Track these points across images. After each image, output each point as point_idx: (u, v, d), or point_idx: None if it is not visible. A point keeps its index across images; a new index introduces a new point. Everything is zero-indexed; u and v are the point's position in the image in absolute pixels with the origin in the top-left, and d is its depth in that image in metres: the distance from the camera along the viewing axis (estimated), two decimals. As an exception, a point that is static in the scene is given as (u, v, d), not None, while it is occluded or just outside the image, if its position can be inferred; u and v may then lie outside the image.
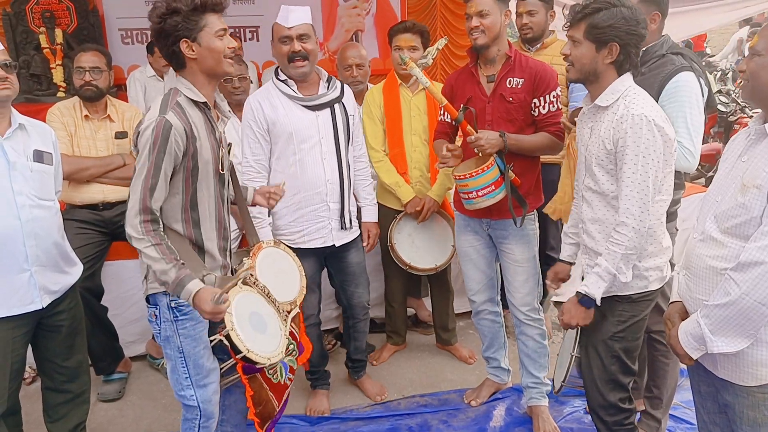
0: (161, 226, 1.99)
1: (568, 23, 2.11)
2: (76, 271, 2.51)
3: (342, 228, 2.90)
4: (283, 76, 2.79)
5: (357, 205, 3.09)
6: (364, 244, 3.12)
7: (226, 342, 2.00)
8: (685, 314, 1.89)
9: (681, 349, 1.79)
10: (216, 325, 2.06)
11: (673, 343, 1.83)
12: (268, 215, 2.85)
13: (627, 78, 2.09)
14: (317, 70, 2.84)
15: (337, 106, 2.82)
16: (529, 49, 3.50)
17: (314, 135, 2.77)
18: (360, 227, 3.08)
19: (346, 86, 2.95)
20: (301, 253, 2.73)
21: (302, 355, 2.51)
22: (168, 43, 2.00)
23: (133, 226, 1.93)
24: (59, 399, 2.54)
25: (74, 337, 2.51)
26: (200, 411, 2.18)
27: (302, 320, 2.56)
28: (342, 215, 2.88)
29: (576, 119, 2.43)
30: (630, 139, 1.97)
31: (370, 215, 3.13)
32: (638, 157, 1.96)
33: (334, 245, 2.91)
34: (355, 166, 3.02)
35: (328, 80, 2.86)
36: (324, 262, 3.04)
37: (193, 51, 1.99)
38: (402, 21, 3.36)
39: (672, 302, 1.97)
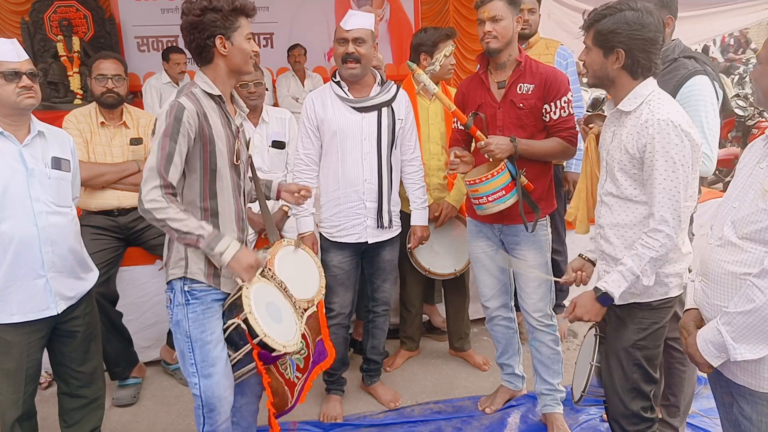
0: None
1: (583, 31, 2.12)
2: (92, 277, 2.53)
3: (379, 227, 2.94)
4: (337, 78, 2.90)
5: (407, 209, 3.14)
6: (409, 244, 3.15)
7: (243, 326, 2.08)
8: (700, 322, 1.86)
9: (700, 357, 1.76)
10: (231, 313, 2.14)
11: (692, 351, 1.81)
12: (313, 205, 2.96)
13: (650, 82, 2.06)
14: (373, 72, 2.92)
15: (385, 109, 2.89)
16: None
17: (357, 135, 2.85)
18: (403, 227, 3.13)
19: (402, 91, 3.00)
20: (339, 246, 2.95)
21: (325, 361, 2.52)
22: (203, 36, 2.09)
23: (154, 198, 2.00)
24: (74, 404, 2.56)
25: (89, 343, 2.52)
26: (202, 401, 2.21)
27: (325, 324, 2.59)
28: (379, 215, 2.92)
29: (590, 126, 2.41)
30: (659, 144, 1.94)
31: (419, 219, 3.13)
32: (668, 163, 1.94)
33: (367, 242, 2.96)
34: (406, 170, 3.06)
35: (382, 83, 2.93)
36: (361, 259, 3.07)
37: (225, 48, 2.11)
38: (436, 27, 3.38)
39: (686, 310, 1.95)
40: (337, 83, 2.88)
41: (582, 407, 3.04)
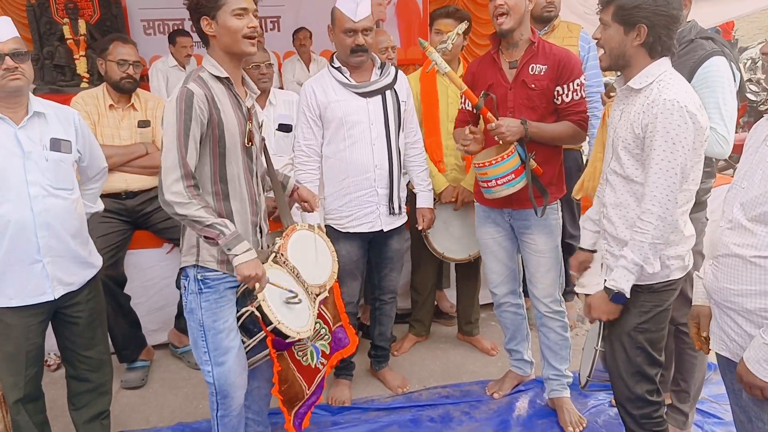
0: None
1: (599, 7, 2.06)
2: (96, 262, 2.48)
3: (391, 213, 2.92)
4: (337, 63, 2.83)
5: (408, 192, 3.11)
6: (420, 227, 3.12)
7: (257, 313, 2.08)
8: (707, 318, 1.86)
9: (760, 381, 1.64)
10: (245, 300, 2.13)
11: (749, 380, 1.68)
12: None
13: (664, 62, 2.02)
14: (371, 56, 2.87)
15: (388, 92, 2.85)
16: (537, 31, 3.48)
17: (364, 121, 2.81)
18: (407, 213, 3.10)
19: (401, 73, 2.96)
20: (348, 236, 2.90)
21: (346, 348, 2.51)
22: (195, 19, 2.08)
23: (176, 192, 1.97)
24: (82, 388, 2.55)
25: (94, 330, 2.49)
26: (215, 388, 2.22)
27: (344, 310, 2.57)
28: (390, 201, 2.90)
29: (611, 95, 2.37)
30: (660, 124, 1.91)
31: (425, 201, 3.12)
32: (667, 144, 1.91)
33: (381, 230, 2.93)
34: (409, 153, 3.03)
35: (382, 66, 2.89)
36: (368, 247, 3.05)
37: (212, 28, 2.07)
38: (445, 6, 3.34)
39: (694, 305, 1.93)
40: (337, 69, 2.82)
41: (590, 392, 3.03)
